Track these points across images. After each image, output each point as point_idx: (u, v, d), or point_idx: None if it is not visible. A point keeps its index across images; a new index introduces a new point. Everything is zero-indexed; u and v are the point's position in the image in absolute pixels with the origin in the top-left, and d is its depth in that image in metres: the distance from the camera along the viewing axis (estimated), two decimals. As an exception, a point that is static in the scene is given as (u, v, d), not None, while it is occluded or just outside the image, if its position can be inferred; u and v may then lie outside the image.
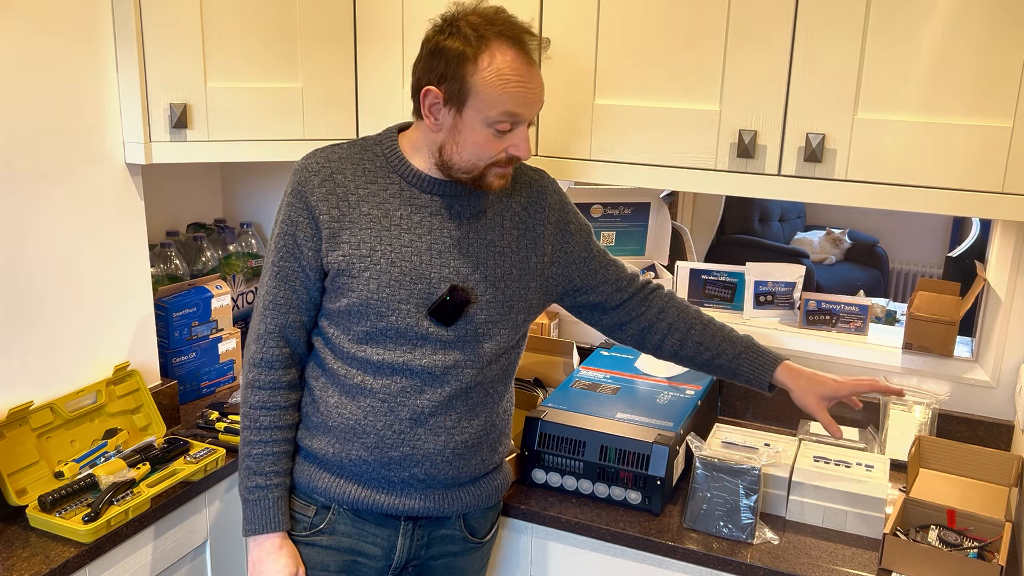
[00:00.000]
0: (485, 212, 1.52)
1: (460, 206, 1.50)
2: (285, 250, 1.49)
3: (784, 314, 2.15)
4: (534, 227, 1.56)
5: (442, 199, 1.49)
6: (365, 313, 1.46)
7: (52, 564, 1.49)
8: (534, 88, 1.40)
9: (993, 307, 1.90)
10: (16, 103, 1.62)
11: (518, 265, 1.54)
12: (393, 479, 1.51)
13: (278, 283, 1.49)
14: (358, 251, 1.46)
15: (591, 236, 1.65)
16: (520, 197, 1.56)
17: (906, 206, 1.58)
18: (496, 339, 1.52)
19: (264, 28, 1.86)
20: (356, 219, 1.46)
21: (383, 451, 1.49)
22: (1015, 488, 1.72)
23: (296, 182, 1.48)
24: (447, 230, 1.49)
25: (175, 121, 1.81)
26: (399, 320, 1.46)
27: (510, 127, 1.41)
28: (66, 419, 1.75)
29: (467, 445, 1.52)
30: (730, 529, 1.60)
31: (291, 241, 1.48)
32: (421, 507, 1.53)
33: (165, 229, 2.34)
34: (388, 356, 1.47)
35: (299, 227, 1.47)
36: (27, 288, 1.69)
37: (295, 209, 1.47)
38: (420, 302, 1.46)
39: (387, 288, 1.45)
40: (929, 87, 1.53)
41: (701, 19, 1.66)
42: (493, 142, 1.41)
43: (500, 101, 1.37)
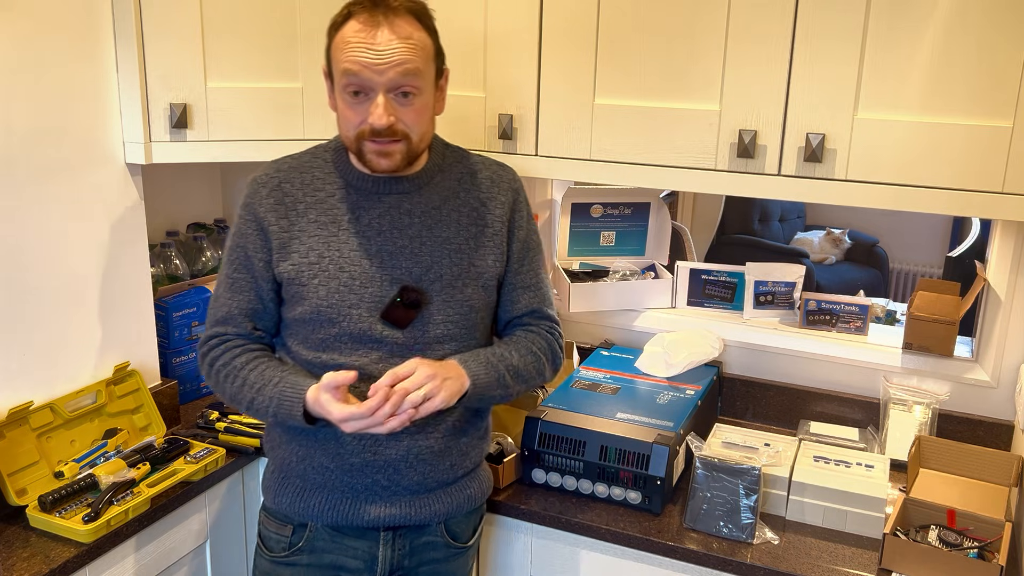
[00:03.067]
0: (439, 209, 1.49)
1: (411, 204, 1.48)
2: (238, 262, 1.50)
3: (784, 314, 2.15)
4: (491, 223, 1.53)
5: (391, 198, 1.47)
6: (318, 320, 1.45)
7: (52, 564, 1.49)
8: (374, 49, 1.35)
9: (993, 307, 1.90)
10: (16, 103, 1.62)
11: (476, 263, 1.51)
12: (357, 486, 1.49)
13: (232, 294, 1.51)
14: (307, 259, 1.45)
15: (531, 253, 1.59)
16: (479, 192, 1.53)
17: (906, 206, 1.58)
18: (455, 340, 1.50)
19: (264, 28, 1.86)
20: (304, 227, 1.46)
21: (344, 457, 1.47)
22: (1015, 488, 1.72)
23: (246, 195, 1.50)
24: (398, 231, 1.46)
25: (175, 121, 1.81)
26: (351, 325, 1.44)
27: (360, 92, 1.37)
28: (66, 419, 1.75)
29: (432, 451, 1.49)
30: (730, 529, 1.60)
31: (242, 254, 1.49)
32: (389, 515, 1.50)
33: (165, 229, 2.34)
34: (345, 362, 1.45)
35: (249, 239, 1.48)
36: (27, 288, 1.69)
37: (245, 222, 1.49)
38: (372, 306, 1.44)
39: (336, 294, 1.44)
40: (929, 87, 1.53)
41: (701, 19, 1.66)
42: (351, 111, 1.39)
43: (342, 63, 1.37)
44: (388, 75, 1.36)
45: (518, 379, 1.53)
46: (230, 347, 1.50)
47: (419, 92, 1.40)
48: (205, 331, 1.54)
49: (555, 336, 1.63)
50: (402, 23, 1.37)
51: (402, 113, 1.39)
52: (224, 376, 1.49)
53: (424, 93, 1.41)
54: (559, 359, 1.64)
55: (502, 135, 1.86)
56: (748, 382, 2.08)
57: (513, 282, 1.58)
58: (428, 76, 1.42)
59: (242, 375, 1.47)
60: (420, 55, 1.39)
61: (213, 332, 1.52)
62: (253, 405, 1.46)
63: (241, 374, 1.47)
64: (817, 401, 2.02)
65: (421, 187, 1.48)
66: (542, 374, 1.59)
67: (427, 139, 1.47)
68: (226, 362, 1.49)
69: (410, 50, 1.37)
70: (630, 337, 2.18)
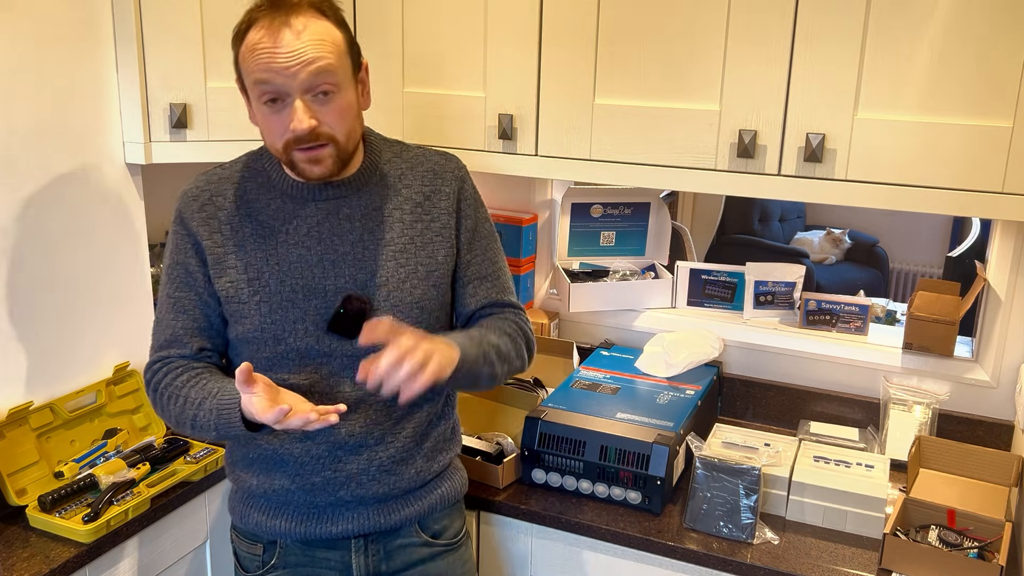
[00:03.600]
0: (380, 209, 1.42)
1: (349, 208, 1.41)
2: (179, 280, 1.42)
3: (784, 314, 2.15)
4: (438, 216, 1.45)
5: (329, 204, 1.40)
6: (262, 339, 1.39)
7: (52, 564, 1.49)
8: (280, 52, 1.27)
9: (993, 307, 1.90)
10: (16, 103, 1.62)
11: (424, 262, 1.44)
12: (320, 504, 1.45)
13: (175, 315, 1.42)
14: (245, 275, 1.39)
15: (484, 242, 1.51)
16: (421, 186, 1.46)
17: (906, 206, 1.58)
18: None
19: (264, 28, 1.86)
20: (240, 242, 1.40)
21: (305, 478, 1.43)
22: (1015, 488, 1.72)
23: (177, 210, 1.43)
24: (338, 237, 1.39)
25: (175, 121, 1.81)
26: (298, 341, 1.38)
27: (276, 99, 1.30)
28: (66, 419, 1.75)
29: (394, 460, 1.45)
30: (730, 529, 1.60)
31: (182, 271, 1.42)
32: (357, 526, 1.46)
33: (165, 229, 2.34)
34: (295, 380, 1.39)
35: (187, 255, 1.42)
36: (27, 288, 1.69)
37: (180, 237, 1.43)
38: (318, 319, 1.38)
39: (280, 310, 1.38)
40: (929, 87, 1.53)
41: (701, 19, 1.66)
42: (273, 119, 1.31)
43: (252, 72, 1.30)
44: (300, 77, 1.27)
45: (501, 359, 1.44)
46: (172, 368, 1.41)
47: (337, 89, 1.31)
48: (149, 357, 1.45)
49: (522, 320, 1.54)
50: (305, 19, 1.28)
51: (323, 114, 1.31)
52: (167, 398, 1.39)
53: (343, 90, 1.32)
54: (532, 344, 1.56)
55: (502, 135, 1.86)
56: (748, 382, 2.08)
57: (466, 275, 1.50)
58: (344, 71, 1.33)
59: (183, 393, 1.38)
60: (330, 50, 1.30)
61: (157, 357, 1.43)
62: (196, 422, 1.36)
63: (182, 392, 1.38)
64: (817, 401, 2.02)
65: (359, 188, 1.42)
66: (521, 356, 1.51)
67: (355, 137, 1.38)
68: (167, 383, 1.40)
69: (318, 46, 1.28)
70: (630, 337, 2.18)
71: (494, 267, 1.53)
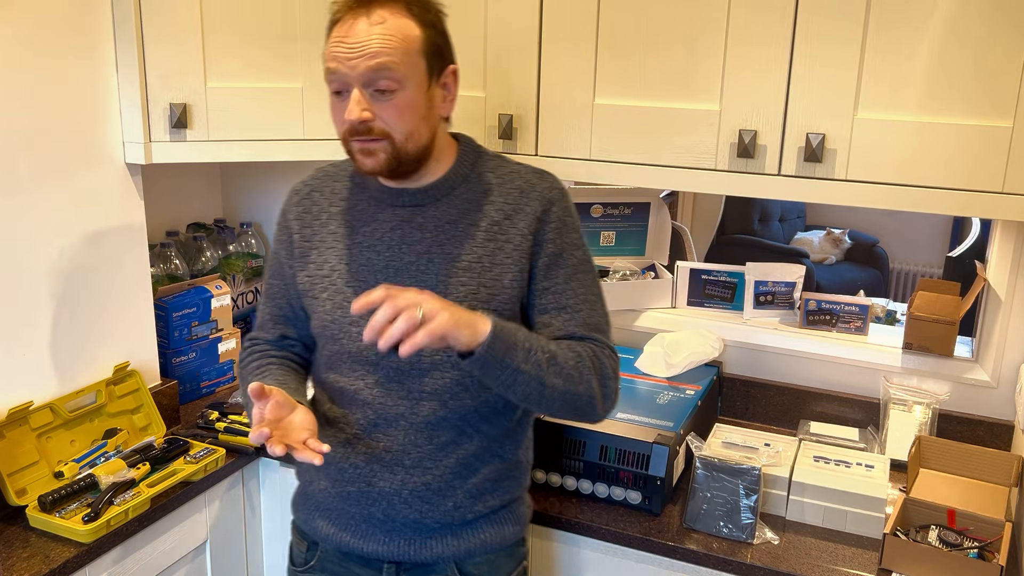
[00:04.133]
0: (455, 223, 1.37)
1: (423, 217, 1.38)
2: (273, 269, 1.51)
3: (784, 314, 2.15)
4: (513, 238, 1.37)
5: (404, 210, 1.39)
6: (324, 336, 1.41)
7: (52, 564, 1.49)
8: (347, 42, 1.26)
9: (993, 307, 1.90)
10: (16, 103, 1.62)
11: (488, 283, 1.36)
12: (354, 515, 1.43)
13: (267, 300, 1.52)
14: (320, 271, 1.41)
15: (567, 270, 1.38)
16: (504, 204, 1.38)
17: (906, 206, 1.58)
18: (457, 369, 1.35)
19: (264, 28, 1.86)
20: (324, 238, 1.42)
21: (342, 484, 1.42)
22: (1015, 488, 1.72)
23: (284, 201, 1.50)
24: (407, 245, 1.37)
25: (175, 121, 1.81)
26: (350, 344, 1.38)
27: (342, 91, 1.29)
28: (66, 419, 1.75)
29: (429, 488, 1.39)
30: (730, 529, 1.60)
31: (276, 261, 1.50)
32: (387, 550, 1.42)
33: (165, 229, 2.34)
34: (345, 383, 1.40)
35: (282, 246, 1.48)
36: (27, 288, 1.69)
37: (280, 228, 1.49)
38: None
39: (339, 309, 1.38)
40: (929, 87, 1.53)
41: (701, 19, 1.66)
42: (336, 109, 1.31)
43: (325, 61, 1.30)
44: (359, 68, 1.25)
45: (556, 370, 1.30)
46: (255, 351, 1.50)
47: (399, 87, 1.27)
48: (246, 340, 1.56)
49: (603, 353, 1.37)
50: (384, 14, 1.26)
51: (380, 110, 1.28)
52: (240, 380, 1.50)
53: (406, 89, 1.28)
54: (608, 380, 1.37)
55: (502, 135, 1.86)
56: (748, 382, 2.08)
57: (541, 303, 1.38)
58: (411, 71, 1.28)
59: (248, 378, 1.44)
60: (397, 47, 1.26)
61: (249, 337, 1.54)
62: (247, 408, 1.42)
63: (248, 377, 1.44)
64: (817, 401, 2.02)
65: (438, 199, 1.38)
66: (587, 383, 1.33)
67: (418, 140, 1.32)
68: (245, 363, 1.49)
69: (384, 41, 1.25)
70: (630, 337, 2.18)
71: (577, 299, 1.38)
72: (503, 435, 1.44)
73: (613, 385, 1.39)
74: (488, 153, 1.46)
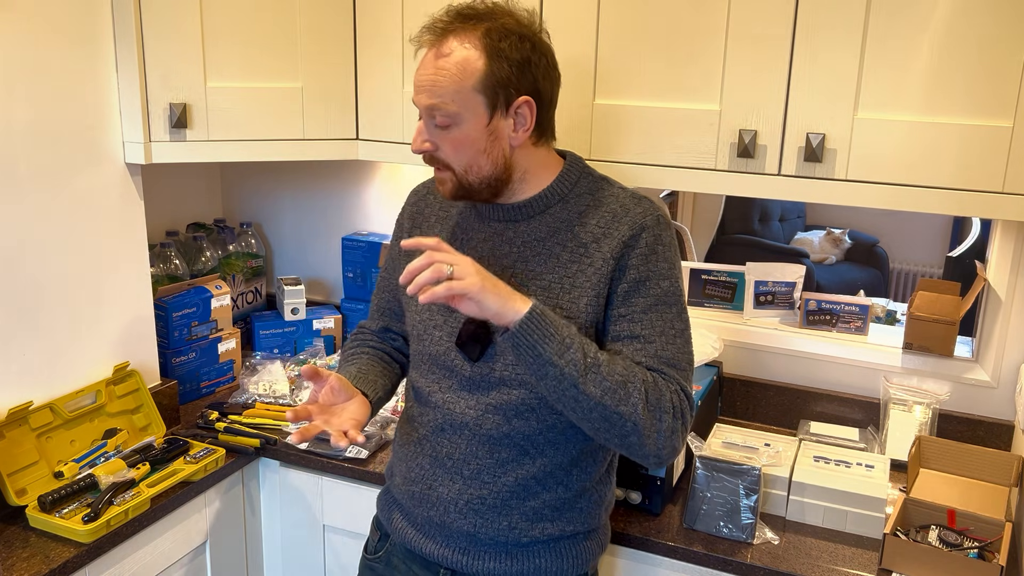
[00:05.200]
0: (544, 241, 1.37)
1: (514, 233, 1.39)
2: (388, 263, 1.60)
3: (784, 314, 2.15)
4: (596, 261, 1.33)
5: (498, 225, 1.41)
6: (412, 335, 1.48)
7: (52, 564, 1.49)
8: (419, 75, 1.31)
9: (993, 307, 1.90)
10: (16, 103, 1.62)
11: (565, 305, 1.33)
12: (417, 516, 1.46)
13: (378, 292, 1.63)
14: None
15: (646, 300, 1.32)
16: (595, 227, 1.35)
17: (906, 206, 1.58)
18: (524, 387, 1.34)
19: (264, 28, 1.86)
20: None
21: (408, 483, 1.47)
22: (1015, 488, 1.72)
23: (405, 200, 1.59)
24: (495, 259, 1.39)
25: (175, 121, 1.81)
26: (431, 347, 1.43)
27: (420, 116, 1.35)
28: (66, 419, 1.75)
29: (484, 503, 1.38)
30: (730, 529, 1.60)
31: (390, 256, 1.59)
32: (443, 555, 1.43)
33: (165, 229, 2.34)
34: (422, 384, 1.45)
35: (396, 241, 1.57)
36: (27, 288, 1.69)
37: (398, 224, 1.58)
38: (453, 332, 1.40)
39: (426, 311, 1.44)
40: (929, 87, 1.53)
41: (701, 19, 1.66)
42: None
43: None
44: (421, 99, 1.31)
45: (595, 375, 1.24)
46: (358, 339, 1.62)
47: (454, 123, 1.29)
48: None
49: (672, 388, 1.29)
50: (454, 43, 1.28)
51: (440, 141, 1.32)
52: (340, 362, 1.59)
53: (463, 124, 1.29)
54: (666, 416, 1.27)
55: (502, 135, 1.86)
56: (748, 382, 2.08)
57: (615, 329, 1.33)
58: (466, 106, 1.29)
59: (343, 364, 1.56)
60: (450, 85, 1.28)
61: (360, 324, 1.65)
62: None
63: (343, 363, 1.57)
64: (817, 401, 2.02)
65: (531, 216, 1.38)
66: (633, 406, 1.24)
67: (479, 173, 1.33)
68: (345, 349, 1.61)
69: (439, 78, 1.28)
70: (630, 337, 2.17)
71: (653, 330, 1.31)
72: (570, 463, 1.40)
73: (671, 423, 1.27)
74: (594, 175, 1.43)
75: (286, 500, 1.97)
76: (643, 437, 1.26)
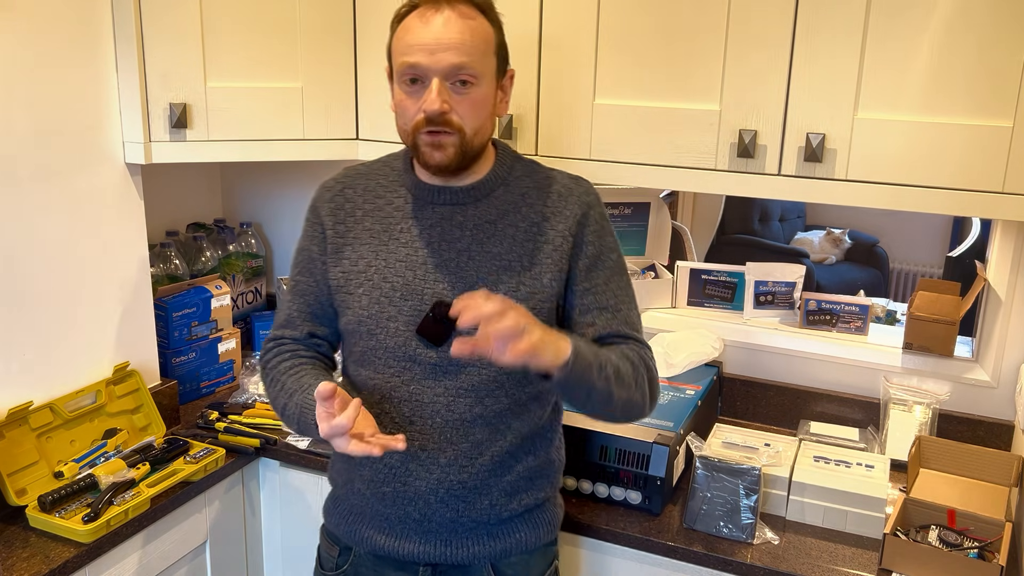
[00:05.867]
0: (495, 223, 1.40)
1: (464, 216, 1.40)
2: (302, 265, 1.49)
3: (784, 314, 2.15)
4: (553, 239, 1.40)
5: (445, 209, 1.40)
6: (359, 332, 1.41)
7: (52, 564, 1.49)
8: (432, 32, 1.29)
9: (993, 307, 1.90)
10: (16, 103, 1.62)
11: (527, 282, 1.38)
12: (390, 516, 1.43)
13: (294, 297, 1.50)
14: (356, 267, 1.42)
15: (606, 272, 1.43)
16: (542, 207, 1.42)
17: (906, 206, 1.58)
18: (494, 367, 1.34)
19: (264, 28, 1.86)
20: (359, 235, 1.43)
21: (377, 485, 1.42)
22: (1015, 488, 1.72)
23: (313, 198, 1.50)
24: (448, 243, 1.39)
25: (175, 121, 1.81)
26: (388, 338, 1.38)
27: (417, 80, 1.31)
28: (66, 419, 1.75)
29: (465, 487, 1.40)
30: (730, 529, 1.60)
31: (307, 256, 1.49)
32: (423, 552, 1.43)
33: (165, 229, 2.34)
34: (379, 380, 1.40)
35: (314, 241, 1.48)
36: (27, 288, 1.69)
37: (310, 224, 1.49)
38: (410, 320, 1.37)
39: (376, 304, 1.39)
40: (929, 87, 1.53)
41: (701, 19, 1.66)
42: (409, 100, 1.33)
43: (400, 51, 1.32)
44: (445, 60, 1.29)
45: (620, 382, 1.34)
46: (283, 351, 1.48)
47: (476, 82, 1.32)
48: (270, 333, 1.54)
49: (647, 355, 1.43)
50: (463, 11, 1.31)
51: (456, 102, 1.31)
52: (270, 380, 1.46)
53: (482, 85, 1.33)
54: (655, 381, 1.43)
55: (502, 135, 1.86)
56: (748, 382, 2.08)
57: (583, 303, 1.41)
58: (487, 68, 1.34)
59: (282, 380, 1.43)
60: (480, 42, 1.32)
61: (273, 335, 1.52)
62: (285, 412, 1.42)
63: (282, 379, 1.43)
64: (817, 401, 2.02)
65: (479, 199, 1.40)
66: (641, 390, 1.39)
67: (483, 137, 1.37)
68: (274, 365, 1.47)
69: (469, 35, 1.30)
70: (630, 337, 2.17)
71: (616, 300, 1.43)
72: (535, 433, 1.46)
73: (658, 387, 1.45)
74: (523, 158, 1.49)
75: (286, 500, 1.97)
76: (646, 408, 1.42)
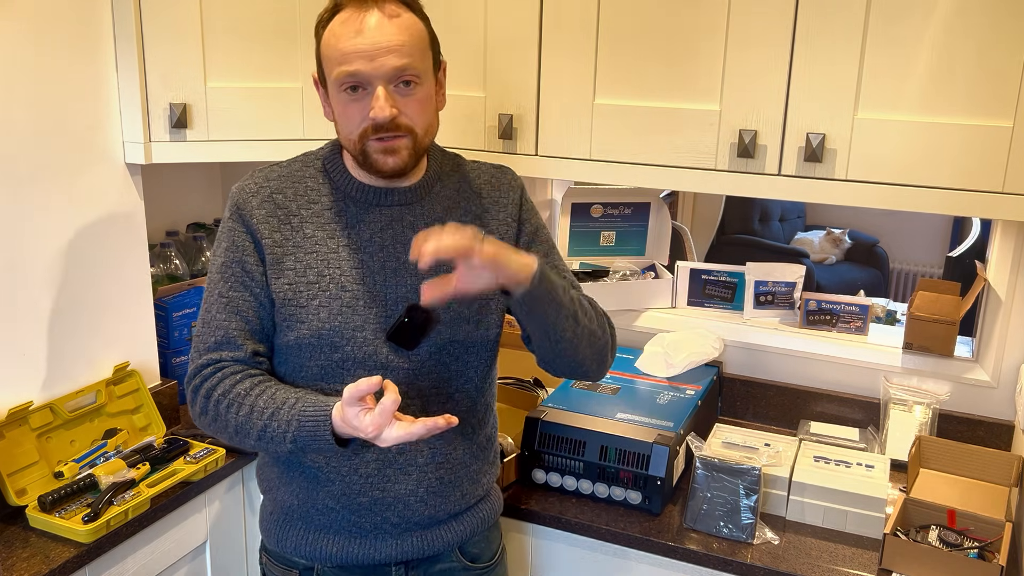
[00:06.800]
0: (443, 219, 1.38)
1: (413, 215, 1.38)
2: (235, 279, 1.35)
3: (784, 314, 2.15)
4: (498, 228, 1.44)
5: (392, 210, 1.37)
6: (318, 346, 1.33)
7: (52, 564, 1.49)
8: (367, 40, 1.25)
9: (993, 307, 1.90)
10: (16, 103, 1.62)
11: None
12: (365, 525, 1.39)
13: (228, 315, 1.35)
14: (304, 278, 1.34)
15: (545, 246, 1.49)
16: (480, 199, 1.44)
17: (906, 206, 1.58)
18: (466, 360, 1.40)
19: (264, 28, 1.86)
20: (300, 243, 1.35)
21: (351, 498, 1.37)
22: (1015, 488, 1.72)
23: (234, 205, 1.36)
24: (402, 244, 1.35)
25: (175, 121, 1.81)
26: (356, 350, 1.33)
27: (358, 87, 1.27)
28: (66, 419, 1.75)
29: (443, 482, 1.41)
30: (730, 529, 1.60)
31: (239, 269, 1.35)
32: (400, 552, 1.41)
33: (165, 229, 2.34)
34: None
35: (245, 253, 1.35)
36: (27, 288, 1.69)
37: (238, 234, 1.35)
38: (378, 327, 1.33)
39: (339, 316, 1.33)
40: (929, 87, 1.53)
41: (701, 19, 1.66)
42: (352, 108, 1.28)
43: (334, 60, 1.27)
44: (387, 64, 1.25)
45: (582, 308, 1.37)
46: (228, 374, 1.34)
47: (420, 80, 1.29)
48: (193, 362, 1.37)
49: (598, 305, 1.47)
50: (393, 9, 1.27)
51: (404, 104, 1.28)
52: (227, 406, 1.32)
53: (425, 83, 1.30)
54: (614, 330, 1.48)
55: (502, 135, 1.86)
56: (748, 382, 2.08)
57: None
58: (427, 64, 1.31)
59: (248, 402, 1.30)
60: (417, 40, 1.29)
61: (207, 360, 1.35)
62: (265, 434, 1.29)
63: (247, 401, 1.30)
64: (817, 401, 2.02)
65: (422, 197, 1.39)
66: (603, 328, 1.43)
67: (432, 134, 1.36)
68: (226, 390, 1.32)
69: (406, 34, 1.27)
70: (630, 337, 2.18)
71: (560, 268, 1.48)
72: (484, 413, 1.49)
73: (615, 333, 1.49)
74: (446, 151, 1.49)
75: (286, 500, 1.97)
76: (607, 353, 1.45)
